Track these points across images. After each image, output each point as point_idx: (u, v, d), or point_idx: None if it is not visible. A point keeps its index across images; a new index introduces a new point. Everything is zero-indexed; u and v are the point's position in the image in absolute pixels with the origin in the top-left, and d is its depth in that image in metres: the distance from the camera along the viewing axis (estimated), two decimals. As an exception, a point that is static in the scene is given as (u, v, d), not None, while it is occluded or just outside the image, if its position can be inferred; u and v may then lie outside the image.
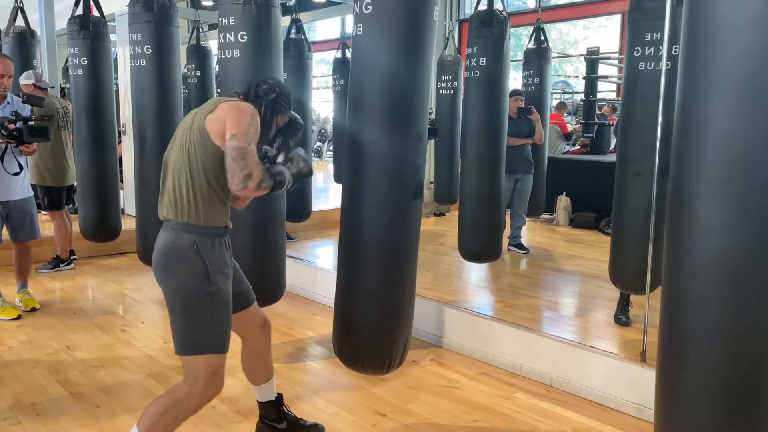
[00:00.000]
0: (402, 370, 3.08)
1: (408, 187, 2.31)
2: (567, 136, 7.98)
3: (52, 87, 4.71)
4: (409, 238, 2.37)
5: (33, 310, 3.89)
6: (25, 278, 3.96)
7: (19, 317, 3.75)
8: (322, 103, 14.33)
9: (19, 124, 3.41)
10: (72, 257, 4.97)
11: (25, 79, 4.56)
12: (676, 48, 2.78)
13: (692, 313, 1.48)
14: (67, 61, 4.94)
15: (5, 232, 3.73)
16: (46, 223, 4.76)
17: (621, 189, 3.22)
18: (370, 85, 2.28)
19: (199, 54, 6.18)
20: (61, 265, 4.89)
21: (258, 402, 2.39)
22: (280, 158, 2.05)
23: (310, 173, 2.12)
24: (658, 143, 2.69)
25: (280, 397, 2.39)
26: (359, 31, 2.28)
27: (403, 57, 2.24)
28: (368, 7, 2.22)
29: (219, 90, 4.50)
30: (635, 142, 3.11)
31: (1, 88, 3.53)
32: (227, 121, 1.87)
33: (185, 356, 1.92)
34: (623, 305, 3.50)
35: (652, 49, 2.97)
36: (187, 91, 5.93)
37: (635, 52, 3.03)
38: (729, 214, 1.41)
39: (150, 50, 3.60)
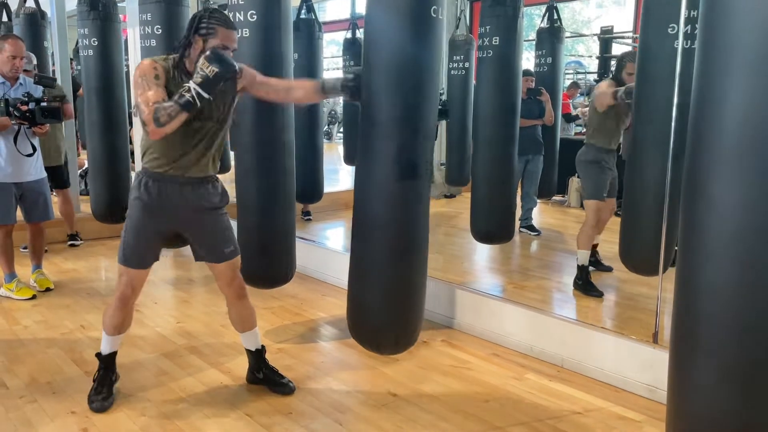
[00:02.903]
0: (413, 350, 3.09)
1: (415, 168, 2.29)
2: (569, 117, 7.87)
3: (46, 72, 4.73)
4: (420, 217, 2.36)
5: (47, 290, 3.93)
6: (40, 259, 4.00)
7: (33, 297, 3.80)
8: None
9: (31, 105, 3.42)
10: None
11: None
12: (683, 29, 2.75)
13: (707, 294, 1.47)
14: (77, 43, 4.94)
15: (19, 212, 3.76)
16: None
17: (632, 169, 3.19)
18: (379, 64, 2.25)
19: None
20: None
21: (245, 348, 2.70)
22: (196, 69, 2.13)
23: (222, 73, 2.09)
24: (673, 124, 2.65)
25: (260, 349, 2.68)
26: (370, 10, 2.25)
27: (412, 35, 2.20)
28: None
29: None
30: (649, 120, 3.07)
31: (13, 70, 3.53)
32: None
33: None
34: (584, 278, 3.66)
35: (670, 27, 2.91)
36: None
37: (651, 30, 2.98)
38: (745, 195, 1.39)
39: (160, 30, 3.59)
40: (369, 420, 2.46)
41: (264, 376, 2.67)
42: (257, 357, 2.68)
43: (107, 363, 2.57)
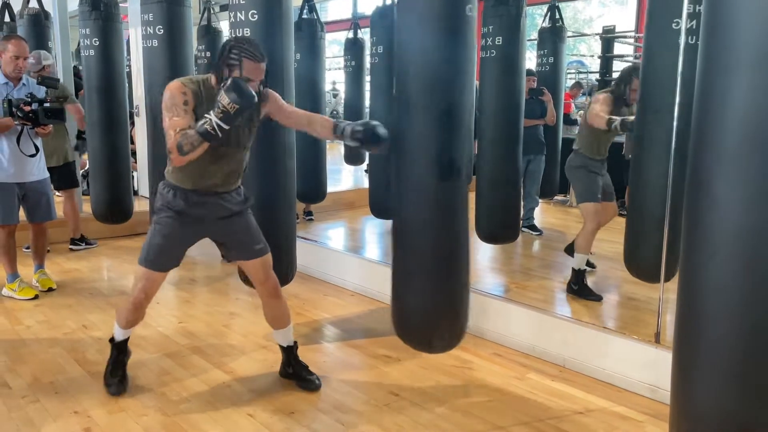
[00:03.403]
0: (415, 350, 3.09)
1: (454, 168, 2.26)
2: (568, 120, 7.81)
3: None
4: (459, 217, 2.33)
5: (50, 290, 3.94)
6: (42, 259, 4.01)
7: (36, 297, 3.80)
8: (335, 84, 14.24)
9: (34, 106, 3.42)
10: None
11: (45, 60, 4.63)
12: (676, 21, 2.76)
13: (710, 293, 1.47)
14: (79, 43, 4.94)
15: (22, 212, 3.77)
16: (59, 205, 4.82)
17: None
18: (412, 67, 2.22)
19: (210, 35, 6.15)
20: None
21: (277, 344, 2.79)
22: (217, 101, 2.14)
23: (241, 109, 2.11)
24: (675, 123, 2.65)
25: (291, 346, 2.75)
26: (402, 11, 2.23)
27: (449, 34, 2.18)
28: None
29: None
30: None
31: (17, 70, 3.54)
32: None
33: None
34: (579, 280, 3.65)
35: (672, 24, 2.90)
36: (197, 71, 5.92)
37: (653, 28, 2.98)
38: (748, 194, 1.39)
39: (162, 31, 3.59)
40: (371, 420, 2.46)
41: (293, 371, 2.75)
42: (288, 353, 2.76)
43: (120, 348, 2.67)
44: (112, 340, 2.68)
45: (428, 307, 2.38)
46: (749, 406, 1.45)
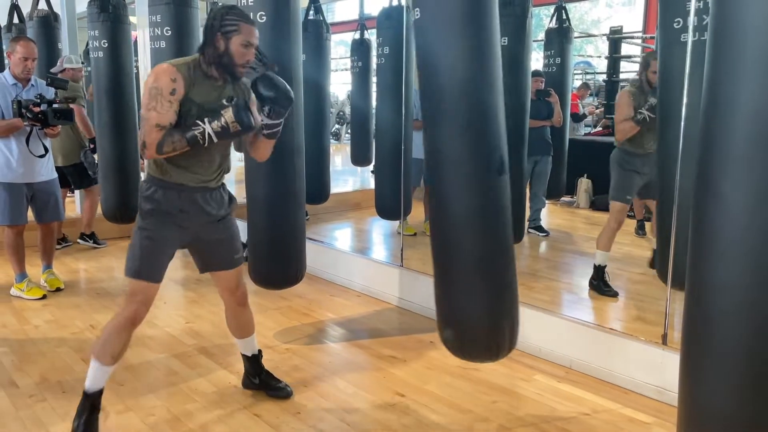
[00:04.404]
0: (421, 351, 3.10)
1: (492, 166, 2.20)
2: (576, 117, 7.80)
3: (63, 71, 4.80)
4: (499, 215, 2.25)
5: (58, 290, 3.96)
6: (50, 259, 4.03)
7: (44, 297, 3.83)
8: (341, 86, 14.26)
9: (43, 107, 3.45)
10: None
11: (68, 63, 4.70)
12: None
13: (718, 294, 1.46)
14: (87, 44, 4.97)
15: (30, 213, 3.79)
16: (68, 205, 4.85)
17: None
18: (437, 71, 2.19)
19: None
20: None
21: (240, 354, 2.66)
22: (216, 114, 2.05)
23: (243, 131, 2.06)
24: (683, 124, 2.64)
25: (257, 354, 2.64)
26: (417, 15, 2.19)
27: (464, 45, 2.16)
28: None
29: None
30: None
31: (25, 71, 3.56)
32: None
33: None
34: (600, 277, 3.66)
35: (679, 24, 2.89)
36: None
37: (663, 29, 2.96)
38: (757, 194, 1.38)
39: (170, 32, 3.61)
40: (377, 420, 2.46)
41: (261, 381, 2.63)
42: (254, 362, 2.64)
43: (94, 402, 2.27)
44: (85, 393, 2.25)
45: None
46: (757, 408, 1.44)
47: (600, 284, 3.69)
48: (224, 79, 2.16)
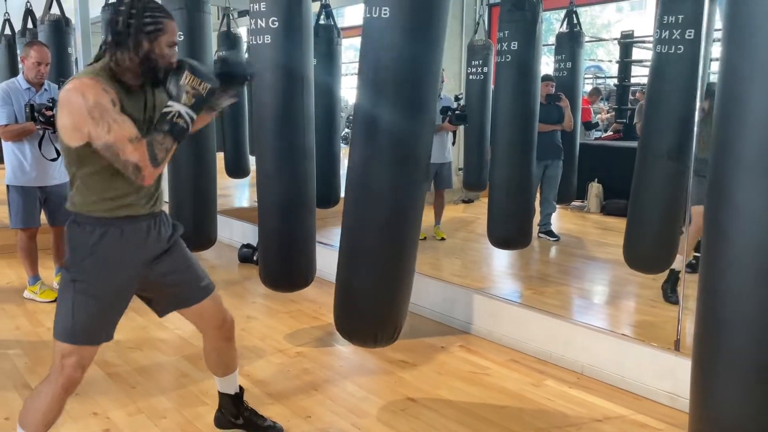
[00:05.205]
0: (431, 355, 3.09)
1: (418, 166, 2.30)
2: (588, 125, 7.75)
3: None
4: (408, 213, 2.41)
5: (70, 292, 3.98)
6: (63, 261, 4.05)
7: (57, 300, 3.84)
8: (351, 90, 14.29)
9: (55, 111, 3.47)
10: None
11: None
12: (689, 32, 2.86)
13: (730, 300, 1.45)
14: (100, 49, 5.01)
15: (43, 216, 3.82)
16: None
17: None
18: (381, 63, 2.29)
19: (230, 40, 6.20)
20: None
21: (218, 392, 2.29)
22: (171, 88, 1.72)
23: (214, 88, 1.75)
24: (696, 128, 2.63)
25: (239, 393, 2.28)
26: (373, 13, 2.27)
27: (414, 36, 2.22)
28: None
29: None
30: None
31: (38, 76, 3.60)
32: (67, 116, 1.73)
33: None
34: (673, 282, 3.51)
35: (678, 30, 2.91)
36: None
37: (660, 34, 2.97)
38: (770, 201, 1.38)
39: (182, 37, 3.63)
40: (387, 424, 2.45)
41: (244, 420, 2.29)
42: (236, 402, 2.28)
43: None
44: None
45: None
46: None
47: (669, 289, 3.59)
48: (141, 87, 1.80)
